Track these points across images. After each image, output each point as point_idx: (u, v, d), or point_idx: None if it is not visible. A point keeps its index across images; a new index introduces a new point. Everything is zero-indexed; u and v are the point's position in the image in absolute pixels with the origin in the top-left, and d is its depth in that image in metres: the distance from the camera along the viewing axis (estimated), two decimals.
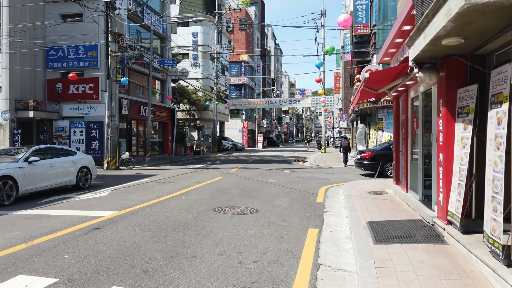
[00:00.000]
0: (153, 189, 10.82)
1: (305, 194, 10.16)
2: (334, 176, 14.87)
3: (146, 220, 6.72)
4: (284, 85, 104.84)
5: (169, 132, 27.52)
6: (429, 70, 5.39)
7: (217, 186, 11.50)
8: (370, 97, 9.64)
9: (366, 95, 8.79)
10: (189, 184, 11.92)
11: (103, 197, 9.38)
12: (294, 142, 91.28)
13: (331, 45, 12.79)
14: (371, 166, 14.51)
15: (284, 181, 13.02)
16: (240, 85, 51.95)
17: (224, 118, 43.39)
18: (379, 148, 14.97)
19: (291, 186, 11.62)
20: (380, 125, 21.41)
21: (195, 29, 36.31)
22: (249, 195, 9.86)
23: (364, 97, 9.25)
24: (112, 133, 16.97)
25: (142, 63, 22.76)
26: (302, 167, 19.11)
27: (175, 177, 14.03)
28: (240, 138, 50.36)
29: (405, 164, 8.31)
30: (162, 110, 26.16)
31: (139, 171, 16.67)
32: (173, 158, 25.46)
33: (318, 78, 20.75)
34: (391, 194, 9.19)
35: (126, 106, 20.85)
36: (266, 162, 22.64)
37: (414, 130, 7.74)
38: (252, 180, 13.15)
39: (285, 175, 14.87)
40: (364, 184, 11.48)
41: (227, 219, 6.92)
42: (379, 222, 6.24)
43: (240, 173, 15.45)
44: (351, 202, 8.27)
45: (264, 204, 8.51)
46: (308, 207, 8.31)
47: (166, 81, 27.11)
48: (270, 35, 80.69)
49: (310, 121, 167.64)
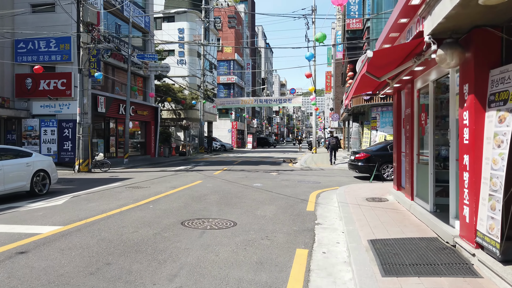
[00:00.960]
0: (120, 195, 9.43)
1: (293, 200, 8.88)
2: (326, 179, 13.64)
3: (92, 239, 5.36)
4: (275, 85, 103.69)
5: (152, 132, 26.03)
6: (451, 46, 4.15)
7: (194, 191, 10.15)
8: (368, 89, 8.41)
9: (364, 86, 7.54)
10: (163, 189, 10.55)
11: (56, 207, 7.97)
12: (284, 143, 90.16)
13: (322, 32, 11.57)
14: (366, 168, 13.31)
15: (271, 185, 11.73)
16: (229, 84, 50.59)
17: (212, 118, 41.96)
18: (375, 148, 13.79)
19: (279, 191, 10.33)
20: (374, 124, 20.28)
21: (181, 25, 34.85)
22: (229, 202, 8.54)
23: (362, 89, 8.01)
24: (84, 132, 15.49)
25: (121, 58, 21.29)
26: (291, 169, 17.86)
27: (151, 181, 12.64)
28: (229, 139, 48.99)
29: (409, 167, 7.07)
30: (144, 109, 24.67)
31: (114, 174, 15.23)
32: (156, 159, 24.00)
33: (308, 72, 19.47)
34: (392, 202, 7.96)
35: (102, 104, 19.35)
36: (254, 163, 21.34)
37: (422, 127, 6.51)
38: (236, 184, 11.83)
39: (273, 178, 13.59)
40: (360, 188, 10.24)
41: (196, 236, 5.59)
42: (385, 241, 4.97)
43: (224, 176, 14.12)
44: (347, 211, 7.00)
45: (245, 215, 7.20)
46: (296, 218, 7.03)
47: (148, 78, 25.63)
48: (260, 34, 79.49)
49: (301, 122, 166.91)
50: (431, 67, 5.72)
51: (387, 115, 19.58)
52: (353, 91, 7.41)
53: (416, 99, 6.90)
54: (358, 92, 8.22)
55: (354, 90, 7.30)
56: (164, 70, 19.34)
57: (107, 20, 20.81)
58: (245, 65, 56.77)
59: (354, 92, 7.59)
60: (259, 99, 36.81)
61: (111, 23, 21.55)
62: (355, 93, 8.05)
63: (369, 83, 7.43)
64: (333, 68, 47.72)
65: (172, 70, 34.84)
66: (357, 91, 8.01)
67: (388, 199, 8.33)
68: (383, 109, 19.71)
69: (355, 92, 7.73)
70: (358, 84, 6.50)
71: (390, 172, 13.10)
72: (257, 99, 36.76)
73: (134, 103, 23.30)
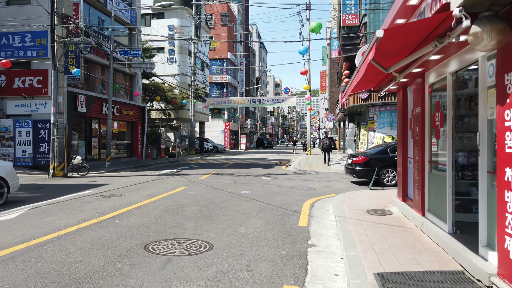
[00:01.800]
0: (85, 207, 8.26)
1: (284, 212, 7.77)
2: (321, 184, 12.55)
3: (22, 274, 4.19)
4: (269, 85, 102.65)
5: (139, 133, 24.81)
6: (490, 22, 3.06)
7: (173, 201, 9.00)
8: (369, 85, 7.31)
9: (365, 81, 6.44)
10: (138, 198, 9.39)
11: (3, 222, 6.78)
12: (279, 143, 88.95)
13: (318, 22, 10.47)
14: (364, 173, 12.24)
15: (260, 192, 10.61)
16: (222, 83, 49.42)
17: (204, 118, 40.79)
18: (374, 151, 12.72)
19: (268, 200, 9.21)
20: (372, 125, 19.25)
21: (171, 21, 33.63)
22: (209, 215, 7.41)
23: (363, 84, 6.89)
24: (59, 133, 14.27)
25: (105, 54, 20.06)
26: (284, 173, 16.76)
27: (127, 187, 11.46)
28: (222, 140, 47.82)
29: (419, 176, 5.99)
30: (130, 108, 23.45)
31: (91, 179, 14.02)
32: (142, 162, 22.80)
33: (304, 69, 18.37)
34: (398, 216, 6.87)
35: (83, 103, 18.12)
36: (245, 166, 20.21)
37: (436, 129, 5.42)
38: (221, 191, 10.69)
39: (263, 184, 12.47)
40: (359, 197, 9.16)
41: (158, 267, 4.45)
42: (397, 277, 3.87)
43: (210, 181, 12.98)
44: (345, 229, 5.91)
45: (225, 232, 6.08)
46: (286, 236, 5.92)
47: (135, 76, 24.41)
48: (255, 34, 78.38)
49: (296, 122, 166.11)
50: (451, 56, 4.64)
51: (385, 116, 18.55)
52: (352, 88, 6.31)
53: (428, 96, 5.81)
54: (358, 88, 7.13)
55: (353, 86, 6.20)
56: (149, 67, 18.17)
57: (90, 14, 19.58)
58: (238, 64, 55.62)
59: (353, 88, 6.50)
60: (252, 99, 35.67)
61: (94, 17, 20.32)
62: (355, 90, 6.96)
63: (372, 77, 6.34)
64: (328, 67, 46.77)
65: (162, 68, 33.70)
66: (357, 88, 6.92)
67: (393, 211, 7.24)
68: (381, 109, 18.68)
69: (354, 88, 6.64)
70: (361, 79, 5.40)
71: (391, 177, 12.05)
72: (250, 99, 35.61)
73: (119, 102, 22.09)
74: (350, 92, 6.89)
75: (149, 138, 30.42)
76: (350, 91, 6.68)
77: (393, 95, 17.41)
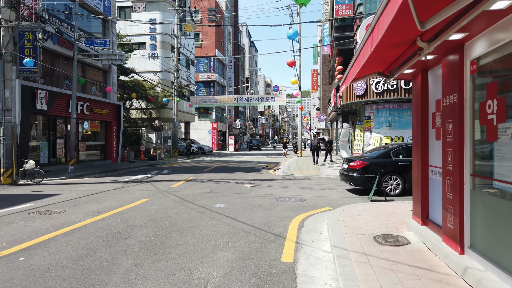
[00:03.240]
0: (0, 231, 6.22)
1: (264, 238, 5.85)
2: (313, 193, 10.66)
3: None
4: (260, 85, 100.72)
5: (114, 133, 22.66)
6: None
7: (122, 221, 7.00)
8: (377, 66, 5.37)
9: (377, 58, 4.55)
10: (79, 217, 7.37)
11: None
12: (269, 145, 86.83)
13: None
14: (363, 181, 10.37)
15: (238, 205, 8.67)
16: (209, 82, 47.36)
17: (190, 118, 38.70)
18: (374, 155, 10.85)
19: (246, 218, 7.28)
20: (368, 124, 17.44)
21: (153, 15, 31.49)
22: (161, 245, 5.44)
23: (371, 64, 4.96)
24: (6, 134, 12.16)
25: (71, 45, 17.90)
26: (271, 178, 14.84)
27: (77, 200, 9.41)
28: (210, 141, 45.77)
29: (455, 195, 4.11)
30: (103, 106, 21.31)
31: (44, 187, 11.93)
32: (116, 165, 20.67)
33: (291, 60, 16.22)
34: (419, 248, 4.97)
35: (43, 99, 15.98)
36: (229, 170, 18.24)
37: (491, 127, 3.52)
38: (190, 205, 8.72)
39: (245, 193, 10.53)
40: (360, 214, 7.26)
41: None
42: None
43: (182, 190, 10.99)
44: (348, 274, 4.00)
45: (172, 279, 4.12)
46: (262, 285, 3.99)
47: (109, 72, 22.28)
48: (245, 32, 76.43)
49: (287, 123, 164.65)
50: None
51: (383, 114, 16.76)
52: (357, 70, 4.42)
53: (470, 78, 3.93)
54: (363, 71, 5.20)
55: (359, 67, 4.30)
56: (118, 59, 16.10)
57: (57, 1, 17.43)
58: (226, 62, 53.60)
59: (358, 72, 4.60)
60: (239, 97, 33.65)
61: (61, 6, 18.14)
62: (359, 74, 5.05)
63: (384, 53, 4.45)
64: (320, 65, 45.04)
65: (143, 65, 31.58)
66: (362, 71, 5.00)
67: (409, 239, 5.35)
68: (379, 107, 16.88)
69: (360, 71, 4.73)
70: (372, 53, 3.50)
71: (395, 186, 10.21)
72: (238, 98, 33.60)
73: (90, 99, 19.95)
74: (352, 77, 5.00)
75: (128, 139, 28.29)
76: (354, 75, 4.78)
77: (392, 91, 15.62)
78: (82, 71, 20.16)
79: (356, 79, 5.36)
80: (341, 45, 20.67)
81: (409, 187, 10.24)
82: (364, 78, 5.62)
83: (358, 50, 4.59)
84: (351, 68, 5.16)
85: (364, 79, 5.59)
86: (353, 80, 5.35)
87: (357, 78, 5.42)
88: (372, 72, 5.66)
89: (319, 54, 44.64)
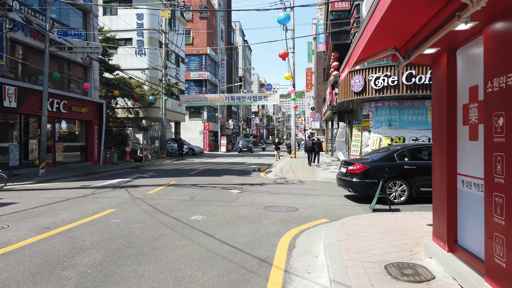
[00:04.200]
0: None
1: (244, 266, 4.56)
2: (307, 200, 9.39)
3: None
4: (254, 85, 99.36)
5: (95, 134, 21.23)
6: None
7: (70, 241, 5.66)
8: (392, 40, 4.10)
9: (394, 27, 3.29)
10: (19, 235, 6.02)
11: None
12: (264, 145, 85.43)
13: None
14: (363, 187, 9.13)
15: (220, 217, 7.37)
16: (201, 81, 45.97)
17: (180, 118, 37.26)
18: (376, 157, 9.60)
19: (226, 235, 5.98)
20: (366, 124, 16.22)
21: (140, 10, 30.09)
22: (105, 280, 4.12)
23: (384, 36, 3.69)
24: None
25: (44, 38, 16.47)
26: (262, 182, 13.56)
27: (32, 210, 8.03)
28: (201, 141, 44.38)
29: (509, 222, 2.84)
30: (83, 105, 19.89)
31: (4, 193, 10.52)
32: (96, 168, 19.26)
33: (283, 51, 14.75)
34: (448, 286, 3.70)
35: (12, 96, 14.55)
36: (217, 173, 16.92)
37: None
38: (163, 217, 7.40)
39: (229, 201, 9.22)
40: (363, 230, 6.00)
41: None
42: None
43: (158, 198, 9.66)
44: None
45: None
46: None
47: (90, 68, 20.86)
48: (238, 30, 75.11)
49: (282, 123, 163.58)
50: None
51: (382, 113, 15.55)
52: (364, 40, 3.14)
53: None
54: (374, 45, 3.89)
55: (367, 37, 3.03)
56: (94, 51, 14.71)
57: None
58: (219, 60, 52.24)
59: (369, 42, 3.34)
60: (230, 96, 32.31)
61: None
62: (368, 50, 3.78)
63: (404, 18, 3.19)
64: (314, 63, 43.85)
65: (130, 62, 30.17)
66: (371, 45, 3.72)
67: (432, 271, 4.08)
68: (378, 105, 15.67)
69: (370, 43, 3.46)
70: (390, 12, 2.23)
71: (399, 192, 8.98)
72: (229, 96, 32.26)
73: (67, 97, 18.53)
74: (357, 55, 3.73)
75: (114, 140, 26.86)
76: (359, 52, 3.51)
77: (393, 88, 14.41)
78: (60, 67, 18.74)
79: (361, 59, 4.08)
80: (337, 39, 19.44)
81: (416, 194, 9.02)
82: (372, 58, 4.32)
83: (366, 17, 3.32)
84: (356, 44, 3.88)
85: (373, 59, 4.29)
86: (358, 62, 4.07)
87: (364, 59, 4.14)
88: (385, 49, 4.34)
89: (314, 52, 43.45)
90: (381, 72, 14.56)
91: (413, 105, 15.04)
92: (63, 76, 18.83)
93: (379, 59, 4.61)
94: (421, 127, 14.92)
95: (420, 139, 14.74)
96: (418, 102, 14.99)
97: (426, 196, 9.17)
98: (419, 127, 14.94)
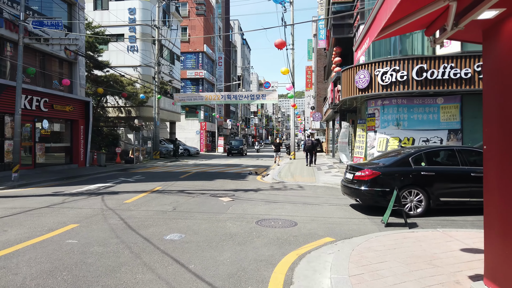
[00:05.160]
0: None
1: None
2: (307, 211, 8.07)
3: None
4: (253, 84, 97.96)
5: (81, 134, 19.90)
6: None
7: None
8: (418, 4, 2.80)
9: None
10: None
11: None
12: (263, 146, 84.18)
13: None
14: (373, 196, 7.81)
15: (201, 235, 6.05)
16: (198, 79, 44.65)
17: (175, 117, 35.92)
18: (388, 162, 8.26)
19: (204, 264, 4.66)
20: (372, 123, 14.90)
21: (132, 4, 28.75)
22: None
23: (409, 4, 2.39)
24: None
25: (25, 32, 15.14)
26: (257, 187, 12.24)
27: None
28: (198, 141, 43.06)
29: None
30: (67, 103, 18.55)
31: None
32: (82, 170, 17.94)
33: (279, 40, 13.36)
34: None
35: None
36: (209, 177, 15.61)
37: None
38: (132, 236, 6.07)
39: (216, 214, 7.89)
40: (382, 260, 4.67)
41: None
42: None
43: (136, 209, 8.33)
44: None
45: None
46: None
47: (75, 64, 19.53)
48: (237, 28, 73.81)
49: (281, 124, 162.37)
50: None
51: (390, 111, 14.23)
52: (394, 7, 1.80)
53: None
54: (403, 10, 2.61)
55: None
56: (72, 43, 13.39)
57: None
58: (216, 58, 50.91)
59: (393, 12, 1.97)
60: (227, 95, 30.94)
61: None
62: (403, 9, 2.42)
63: None
64: (314, 61, 42.54)
65: (122, 58, 28.85)
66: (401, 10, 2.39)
67: None
68: (385, 103, 14.35)
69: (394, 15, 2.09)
70: None
71: (416, 203, 7.67)
72: (225, 95, 30.90)
73: (49, 94, 17.19)
74: (388, 18, 2.41)
75: (105, 140, 25.54)
76: (394, 6, 2.19)
77: (402, 84, 13.10)
78: (41, 62, 17.41)
79: (393, 22, 2.73)
80: (339, 33, 18.12)
81: (435, 205, 7.70)
82: (410, 19, 2.94)
83: None
84: (381, 7, 2.56)
85: (412, 19, 2.90)
86: (385, 28, 2.73)
87: (396, 21, 2.79)
88: (409, 21, 3.00)
89: (314, 50, 42.15)
90: (389, 66, 13.24)
91: (423, 103, 13.71)
92: (45, 72, 17.51)
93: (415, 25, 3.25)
94: (432, 127, 13.61)
95: (431, 140, 13.43)
96: (429, 99, 13.68)
97: (446, 208, 7.87)
98: (430, 127, 13.63)
